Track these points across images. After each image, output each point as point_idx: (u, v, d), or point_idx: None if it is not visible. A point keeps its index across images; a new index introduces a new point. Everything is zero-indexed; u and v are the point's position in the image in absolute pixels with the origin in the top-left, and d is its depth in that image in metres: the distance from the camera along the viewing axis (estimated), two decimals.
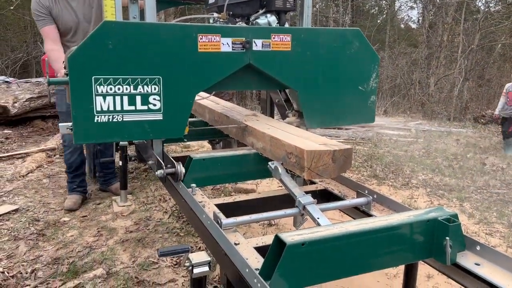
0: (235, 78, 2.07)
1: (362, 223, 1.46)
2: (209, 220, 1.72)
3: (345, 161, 1.98)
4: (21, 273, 2.64)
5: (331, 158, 1.92)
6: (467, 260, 1.51)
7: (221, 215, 1.81)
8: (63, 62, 2.24)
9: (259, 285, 1.28)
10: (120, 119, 1.82)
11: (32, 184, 4.25)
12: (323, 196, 2.25)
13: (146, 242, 3.03)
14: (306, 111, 2.20)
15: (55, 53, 3.24)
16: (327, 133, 6.95)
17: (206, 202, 1.98)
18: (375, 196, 2.03)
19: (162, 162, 2.06)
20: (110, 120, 1.80)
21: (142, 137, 1.93)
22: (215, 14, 2.28)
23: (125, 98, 1.81)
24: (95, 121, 1.78)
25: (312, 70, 2.14)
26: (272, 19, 2.27)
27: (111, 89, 1.78)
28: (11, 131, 6.48)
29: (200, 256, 1.55)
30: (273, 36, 2.03)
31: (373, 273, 2.69)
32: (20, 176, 4.46)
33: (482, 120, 9.83)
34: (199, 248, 2.92)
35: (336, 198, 2.19)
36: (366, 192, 2.05)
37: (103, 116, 1.79)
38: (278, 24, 2.29)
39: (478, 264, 1.48)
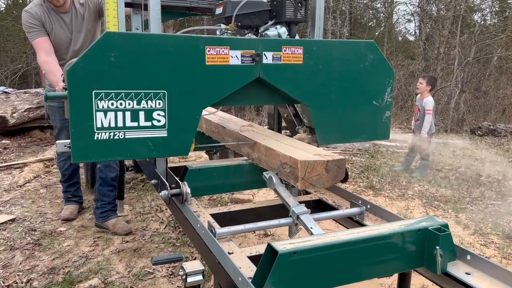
0: (244, 93, 1.97)
1: (354, 232, 1.48)
2: (204, 229, 1.74)
3: (338, 171, 2.01)
4: (16, 282, 2.64)
5: (325, 168, 1.95)
6: (457, 269, 1.53)
7: (215, 225, 1.82)
8: (62, 75, 2.07)
9: None
10: (122, 136, 1.71)
11: (29, 194, 4.26)
12: (318, 206, 2.27)
13: (142, 252, 3.04)
14: (318, 127, 2.11)
15: (51, 65, 3.08)
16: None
17: (201, 211, 2.00)
18: (368, 206, 2.06)
19: (167, 182, 1.95)
20: (111, 137, 1.69)
21: (145, 155, 1.81)
22: (223, 26, 2.19)
23: (128, 114, 1.71)
24: (95, 138, 1.66)
25: (325, 84, 2.05)
26: (282, 30, 2.17)
27: (112, 104, 1.67)
28: (9, 141, 6.49)
29: (194, 265, 1.56)
30: (284, 48, 1.94)
31: (367, 284, 2.69)
32: (17, 186, 4.47)
33: (478, 132, 9.87)
34: (195, 258, 2.92)
35: (330, 208, 2.21)
36: (360, 202, 2.07)
37: (103, 133, 1.68)
38: (288, 36, 2.20)
39: (468, 274, 1.50)
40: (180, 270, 1.55)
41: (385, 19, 20.55)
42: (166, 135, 1.78)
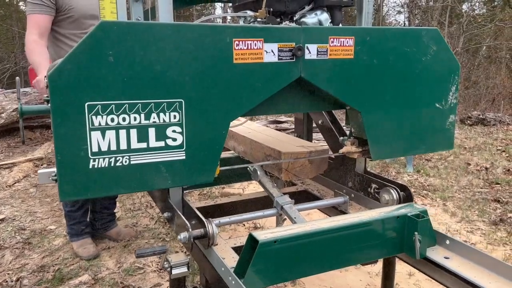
0: (280, 98, 1.60)
1: (334, 220, 1.51)
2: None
3: (322, 161, 2.04)
4: (6, 281, 2.64)
5: (308, 159, 1.97)
6: (437, 254, 1.57)
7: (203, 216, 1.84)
8: (45, 77, 1.49)
9: (233, 282, 1.32)
10: (126, 162, 1.33)
11: (19, 194, 4.25)
12: (303, 197, 2.30)
13: (132, 248, 3.05)
14: (372, 138, 1.71)
15: (39, 46, 2.56)
16: (314, 137, 7.00)
17: (191, 204, 2.01)
18: (352, 196, 2.08)
19: (187, 222, 1.52)
20: (113, 164, 1.31)
21: (157, 186, 1.43)
22: (249, 12, 1.77)
23: (133, 132, 1.32)
24: (91, 166, 1.28)
25: (381, 83, 1.67)
26: (324, 17, 1.79)
27: (112, 120, 1.29)
28: None
29: (179, 257, 1.58)
30: (332, 39, 1.55)
31: (355, 272, 2.73)
32: (6, 186, 4.45)
33: (468, 122, 9.94)
34: (185, 252, 2.94)
35: (315, 198, 2.23)
36: (344, 192, 2.10)
37: (101, 160, 1.29)
38: (331, 24, 1.82)
39: (447, 258, 1.54)
40: (165, 263, 1.57)
41: (375, 11, 20.58)
42: (184, 157, 1.41)
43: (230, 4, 2.16)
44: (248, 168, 2.09)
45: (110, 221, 3.24)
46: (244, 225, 3.42)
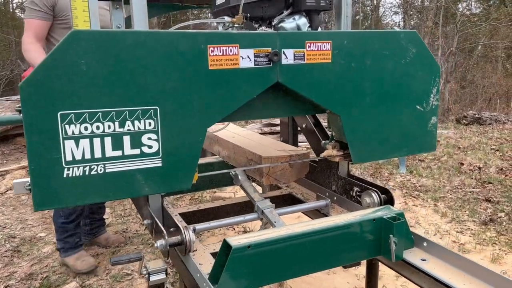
0: (258, 103, 1.60)
1: (310, 224, 1.51)
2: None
3: (302, 165, 2.04)
4: None
5: (288, 163, 1.98)
6: (414, 256, 1.57)
7: (181, 224, 1.85)
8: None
9: None
10: (101, 170, 1.33)
11: (11, 202, 4.26)
12: (287, 201, 2.30)
13: (120, 254, 3.05)
14: (352, 142, 1.72)
15: (35, 47, 2.63)
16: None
17: (170, 211, 2.01)
18: (335, 199, 2.09)
19: (163, 229, 1.53)
20: (87, 173, 1.31)
21: (134, 193, 1.43)
22: (227, 18, 1.78)
23: (108, 141, 1.32)
24: (65, 175, 1.28)
25: (359, 87, 1.67)
26: (302, 21, 1.78)
27: (86, 128, 1.29)
28: None
29: (157, 264, 1.58)
30: (308, 44, 1.55)
31: (343, 274, 2.73)
32: None
33: (464, 121, 9.96)
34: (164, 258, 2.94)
35: (299, 202, 2.23)
36: (327, 195, 2.10)
37: (76, 169, 1.29)
38: (309, 29, 1.82)
39: (424, 260, 1.55)
40: (143, 269, 1.57)
41: (371, 12, 20.65)
42: (160, 164, 1.41)
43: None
44: (230, 173, 2.10)
45: (99, 226, 3.22)
46: (234, 229, 3.42)
